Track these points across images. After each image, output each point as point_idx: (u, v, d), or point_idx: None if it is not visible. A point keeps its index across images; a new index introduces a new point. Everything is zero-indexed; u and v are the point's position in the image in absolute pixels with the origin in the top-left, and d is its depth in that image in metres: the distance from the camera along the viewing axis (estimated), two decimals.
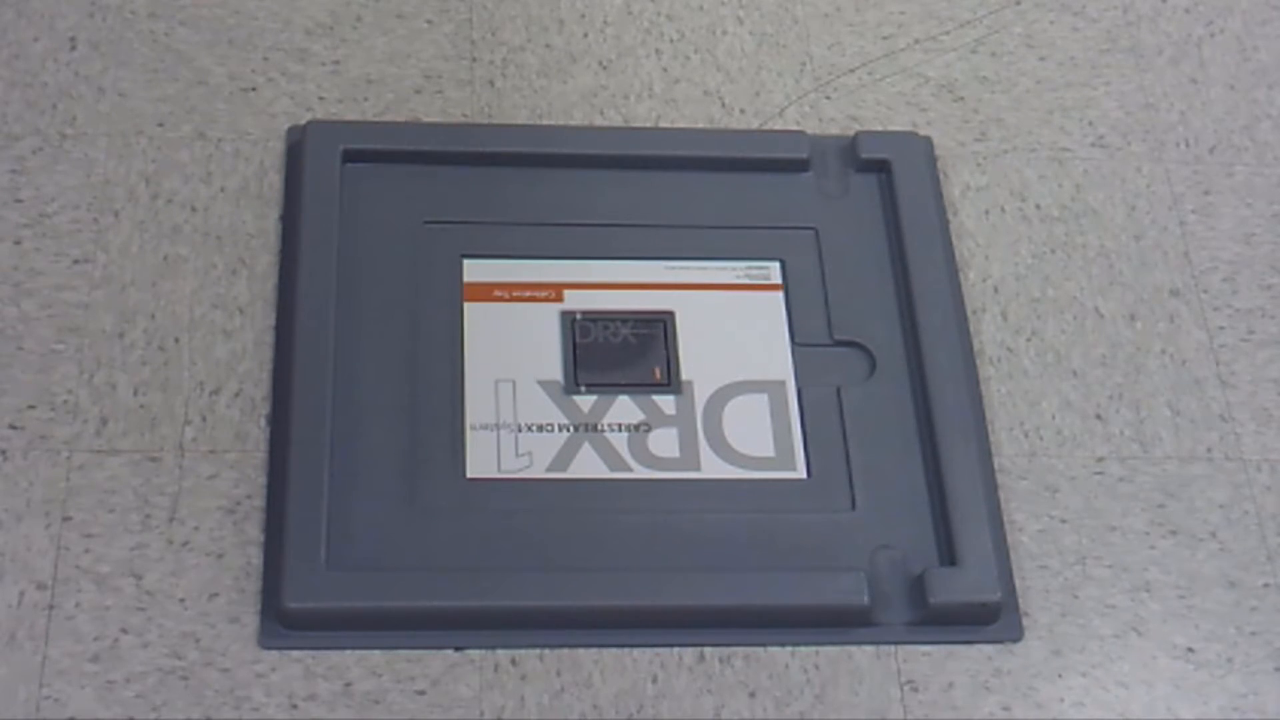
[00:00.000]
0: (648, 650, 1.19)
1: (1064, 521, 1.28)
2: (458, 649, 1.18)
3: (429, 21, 1.46)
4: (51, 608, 1.17)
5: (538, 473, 1.25)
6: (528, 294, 1.33)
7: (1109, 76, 1.51)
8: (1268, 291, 1.40)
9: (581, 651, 1.19)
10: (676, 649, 1.20)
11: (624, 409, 1.28)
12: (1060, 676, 1.21)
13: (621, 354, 1.31)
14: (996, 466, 1.29)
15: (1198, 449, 1.32)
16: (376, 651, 1.17)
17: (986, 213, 1.42)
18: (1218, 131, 1.48)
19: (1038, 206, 1.43)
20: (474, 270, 1.33)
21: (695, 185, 1.39)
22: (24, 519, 1.20)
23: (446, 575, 1.19)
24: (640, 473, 1.26)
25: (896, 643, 1.21)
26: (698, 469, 1.26)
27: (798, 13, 1.51)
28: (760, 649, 1.20)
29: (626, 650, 1.19)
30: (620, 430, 1.27)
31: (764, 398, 1.30)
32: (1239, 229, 1.43)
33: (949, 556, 1.23)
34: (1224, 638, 1.24)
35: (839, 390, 1.30)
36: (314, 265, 1.29)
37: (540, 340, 1.31)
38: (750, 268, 1.36)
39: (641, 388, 1.29)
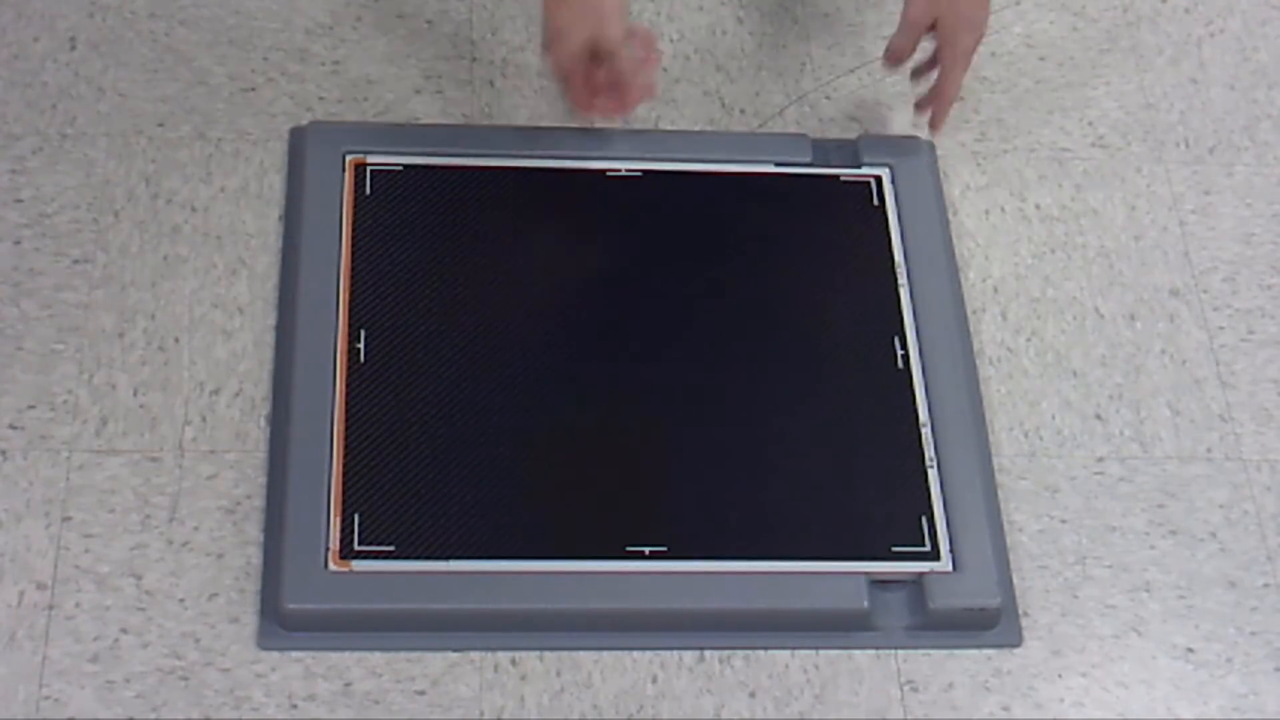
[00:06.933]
0: (647, 650, 1.19)
1: (1064, 521, 1.28)
2: (457, 650, 1.18)
3: (429, 22, 1.46)
4: (51, 608, 1.17)
5: None
6: None
7: (1109, 76, 1.51)
8: (1268, 291, 1.40)
9: (581, 652, 1.19)
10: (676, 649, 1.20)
11: None
12: (1060, 677, 1.21)
13: None
14: (996, 466, 1.29)
15: (1198, 449, 1.32)
16: (376, 652, 1.17)
17: (986, 213, 1.42)
18: (1218, 131, 1.48)
19: (1038, 206, 1.43)
20: None
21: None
22: (24, 519, 1.20)
23: (446, 576, 1.19)
24: None
25: (896, 647, 1.21)
26: None
27: (798, 13, 1.51)
28: (760, 649, 1.20)
29: (626, 650, 1.19)
30: None
31: None
32: (1239, 229, 1.43)
33: (949, 560, 1.23)
34: (1224, 638, 1.24)
35: None
36: (314, 265, 1.29)
37: None
38: None
39: None
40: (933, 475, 1.26)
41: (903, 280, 1.34)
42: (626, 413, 1.26)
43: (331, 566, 1.18)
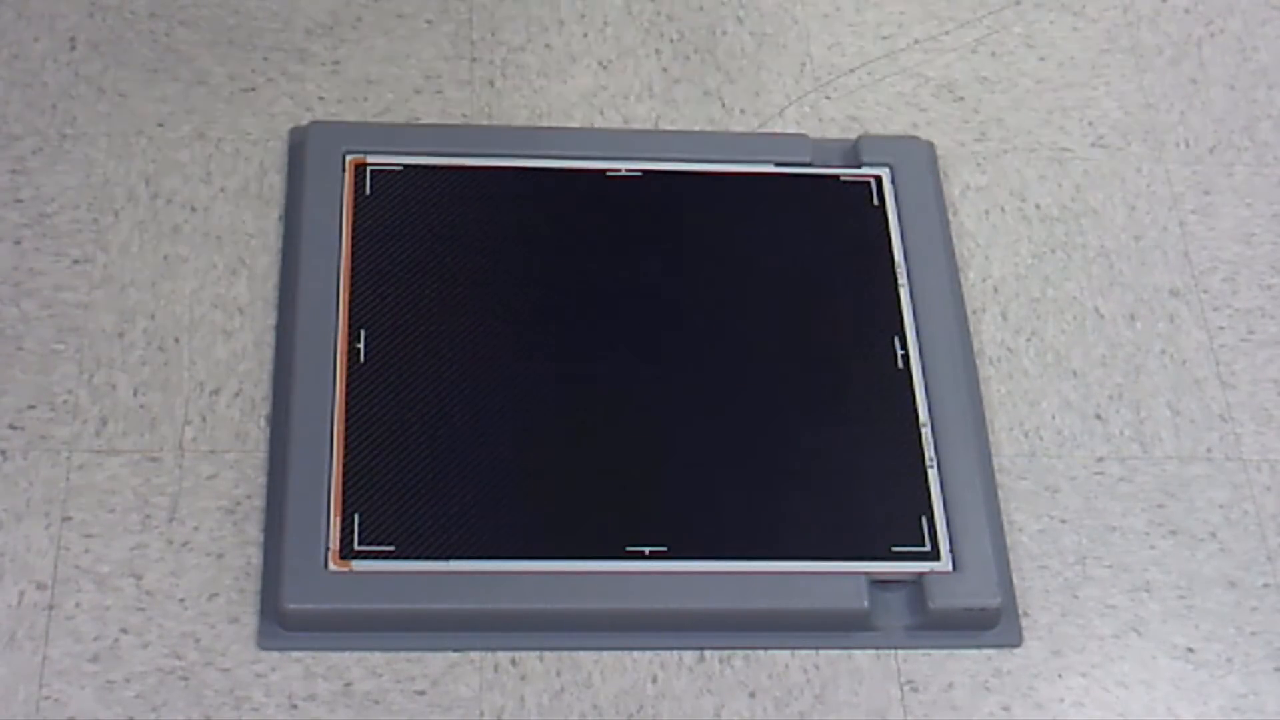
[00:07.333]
0: (647, 650, 1.19)
1: (1064, 521, 1.28)
2: (458, 650, 1.18)
3: (429, 21, 1.46)
4: (51, 608, 1.17)
5: None
6: None
7: (1109, 76, 1.51)
8: (1268, 291, 1.40)
9: (581, 652, 1.19)
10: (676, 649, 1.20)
11: None
12: (1060, 677, 1.21)
13: None
14: (996, 466, 1.29)
15: (1198, 449, 1.32)
16: (376, 652, 1.17)
17: (986, 213, 1.42)
18: (1218, 131, 1.48)
19: (1038, 206, 1.43)
20: None
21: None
22: (24, 519, 1.20)
23: (446, 576, 1.19)
24: None
25: (896, 647, 1.21)
26: None
27: (798, 13, 1.51)
28: (760, 649, 1.20)
29: (626, 650, 1.19)
30: None
31: None
32: (1239, 229, 1.43)
33: (949, 560, 1.23)
34: (1224, 638, 1.24)
35: None
36: (314, 265, 1.30)
37: None
38: None
39: None
40: (933, 475, 1.26)
41: (903, 280, 1.34)
42: (626, 413, 1.26)
43: (331, 566, 1.18)
